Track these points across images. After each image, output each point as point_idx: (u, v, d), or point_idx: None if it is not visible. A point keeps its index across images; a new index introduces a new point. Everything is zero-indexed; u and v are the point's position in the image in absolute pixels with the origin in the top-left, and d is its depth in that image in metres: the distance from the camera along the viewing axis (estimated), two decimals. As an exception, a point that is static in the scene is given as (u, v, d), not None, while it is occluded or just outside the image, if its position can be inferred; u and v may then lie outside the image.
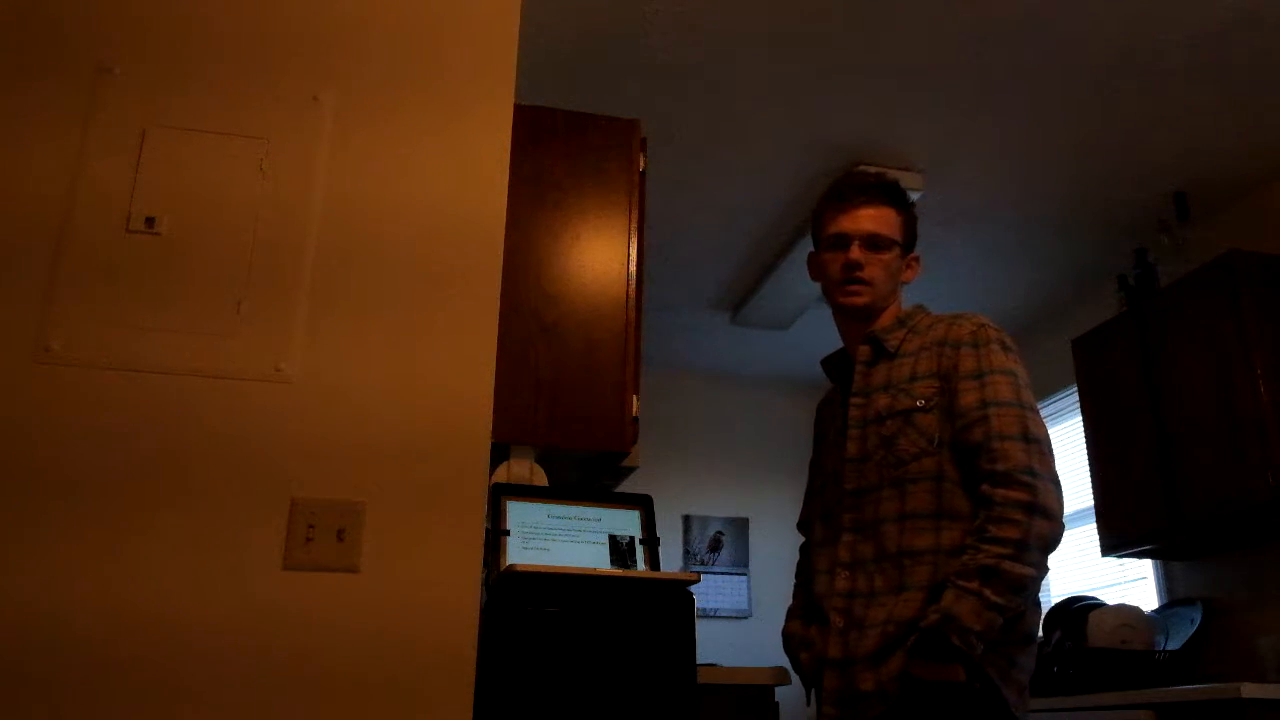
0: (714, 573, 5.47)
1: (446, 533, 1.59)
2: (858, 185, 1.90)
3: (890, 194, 1.89)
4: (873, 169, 2.88)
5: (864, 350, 1.85)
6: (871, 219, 1.86)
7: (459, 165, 1.79)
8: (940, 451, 1.70)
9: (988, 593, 1.55)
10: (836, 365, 1.96)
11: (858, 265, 1.83)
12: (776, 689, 2.11)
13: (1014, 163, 3.73)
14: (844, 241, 1.86)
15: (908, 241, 1.90)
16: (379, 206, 1.73)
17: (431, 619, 1.54)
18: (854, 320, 1.90)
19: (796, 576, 1.97)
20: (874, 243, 1.85)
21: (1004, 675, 1.61)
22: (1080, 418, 4.14)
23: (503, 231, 1.78)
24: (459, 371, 1.68)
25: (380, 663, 1.51)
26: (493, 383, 1.69)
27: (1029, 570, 1.57)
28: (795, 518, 2.06)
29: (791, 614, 1.91)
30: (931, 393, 1.73)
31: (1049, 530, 1.60)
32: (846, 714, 1.66)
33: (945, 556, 1.63)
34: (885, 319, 1.87)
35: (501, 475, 2.13)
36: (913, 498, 1.69)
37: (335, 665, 1.50)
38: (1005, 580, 1.56)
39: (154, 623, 1.45)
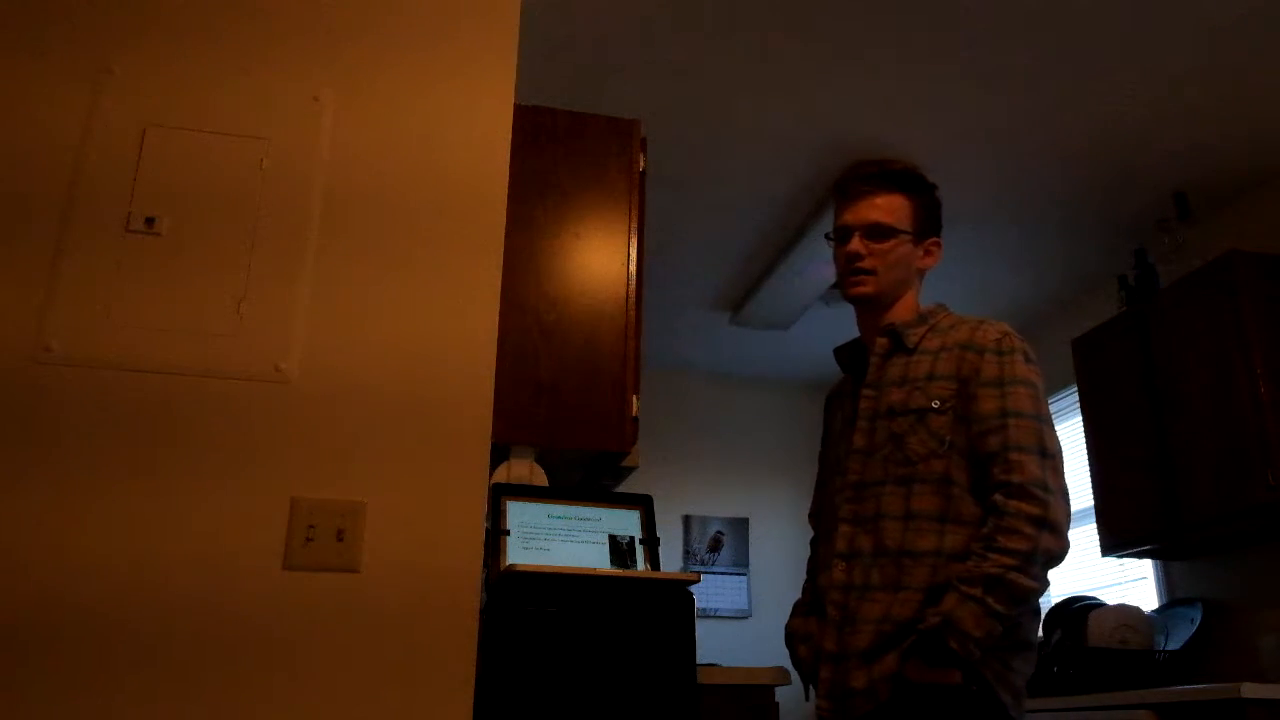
0: (714, 573, 5.47)
1: (446, 533, 1.59)
2: (861, 175, 1.88)
3: (897, 180, 1.86)
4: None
5: (881, 342, 1.83)
6: (874, 208, 1.84)
7: (460, 166, 1.79)
8: (950, 455, 1.68)
9: (990, 601, 1.55)
10: (850, 355, 1.94)
11: (858, 256, 1.83)
12: (776, 689, 2.11)
13: (1014, 163, 3.73)
14: (847, 234, 1.85)
15: (922, 227, 1.86)
16: (379, 207, 1.73)
17: (431, 619, 1.54)
18: (868, 310, 1.88)
19: (808, 571, 1.96)
20: (876, 232, 1.83)
21: (999, 678, 1.61)
22: (1080, 418, 4.14)
23: (503, 233, 1.78)
24: (459, 372, 1.67)
25: (380, 663, 1.51)
26: (493, 382, 1.69)
27: (1032, 584, 1.58)
28: (795, 517, 2.06)
29: (796, 609, 1.90)
30: (948, 395, 1.71)
31: (1056, 546, 1.60)
32: (838, 708, 1.67)
33: (946, 560, 1.63)
34: (905, 312, 1.85)
35: (501, 475, 2.13)
36: (919, 498, 1.68)
37: (335, 665, 1.49)
38: (1009, 591, 1.56)
39: (154, 623, 1.45)
